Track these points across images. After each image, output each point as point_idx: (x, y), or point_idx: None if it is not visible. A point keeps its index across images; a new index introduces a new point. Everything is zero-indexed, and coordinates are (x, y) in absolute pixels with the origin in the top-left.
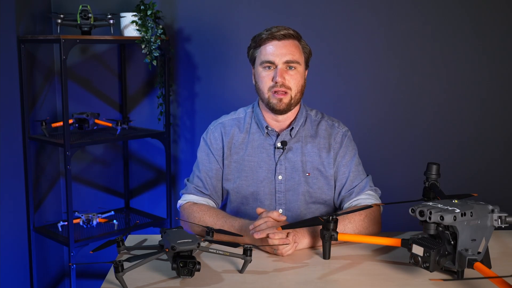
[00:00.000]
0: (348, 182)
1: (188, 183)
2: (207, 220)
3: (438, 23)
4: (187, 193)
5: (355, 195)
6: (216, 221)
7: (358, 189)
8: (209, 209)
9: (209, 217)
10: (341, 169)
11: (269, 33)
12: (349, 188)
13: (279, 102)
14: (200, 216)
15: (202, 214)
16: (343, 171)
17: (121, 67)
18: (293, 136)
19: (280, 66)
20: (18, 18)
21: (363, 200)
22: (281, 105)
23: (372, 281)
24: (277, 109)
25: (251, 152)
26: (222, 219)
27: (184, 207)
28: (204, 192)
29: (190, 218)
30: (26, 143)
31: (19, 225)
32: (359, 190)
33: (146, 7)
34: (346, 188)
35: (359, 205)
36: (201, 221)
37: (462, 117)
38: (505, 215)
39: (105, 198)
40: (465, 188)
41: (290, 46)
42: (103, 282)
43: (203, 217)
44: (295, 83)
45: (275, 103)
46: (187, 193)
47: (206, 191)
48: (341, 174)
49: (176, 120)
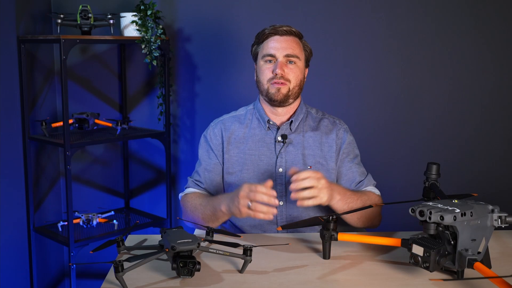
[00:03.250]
0: (357, 177)
1: (189, 178)
2: (196, 202)
3: (439, 22)
4: (187, 186)
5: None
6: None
7: (367, 181)
8: (200, 195)
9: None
10: (347, 165)
11: (272, 28)
12: (358, 181)
13: (277, 92)
14: (191, 201)
15: (194, 199)
16: (349, 166)
17: (121, 67)
18: (294, 130)
19: (281, 59)
20: (18, 18)
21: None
22: (279, 95)
23: (372, 281)
24: (274, 99)
25: (252, 146)
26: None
27: (182, 198)
28: (201, 186)
29: (187, 206)
30: (26, 143)
31: (19, 225)
32: (368, 182)
33: (146, 7)
34: (356, 182)
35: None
36: (193, 204)
37: (462, 117)
38: (505, 215)
39: (105, 198)
40: (465, 188)
41: (291, 42)
42: (103, 282)
43: (194, 201)
44: (294, 76)
45: (273, 92)
46: (187, 186)
47: (203, 184)
48: (348, 169)
49: (176, 120)
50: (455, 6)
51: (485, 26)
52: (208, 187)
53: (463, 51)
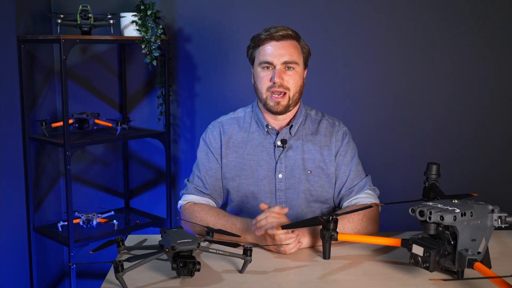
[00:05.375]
0: (348, 180)
1: (188, 183)
2: (208, 220)
3: (439, 22)
4: (187, 193)
5: (355, 194)
6: (217, 221)
7: (358, 188)
8: (210, 209)
9: (211, 217)
10: (342, 168)
11: (268, 33)
12: (349, 186)
13: (277, 105)
14: (201, 216)
15: (204, 214)
16: (344, 170)
17: (121, 67)
18: (293, 135)
19: (279, 66)
20: (18, 18)
21: (362, 199)
22: (279, 108)
23: (372, 281)
24: (274, 111)
25: (251, 151)
26: (223, 218)
27: (185, 207)
28: (204, 192)
29: (191, 218)
30: (26, 143)
31: (19, 225)
32: (358, 189)
33: (146, 7)
34: (347, 187)
35: (359, 204)
36: (203, 221)
37: (462, 117)
38: (505, 215)
39: (105, 198)
40: (465, 188)
41: (289, 47)
42: (103, 282)
43: (204, 217)
44: (293, 83)
45: (272, 105)
46: (188, 193)
47: (206, 190)
48: (342, 172)
49: (176, 120)
50: (455, 6)
51: (485, 26)
52: (212, 192)
53: (463, 51)
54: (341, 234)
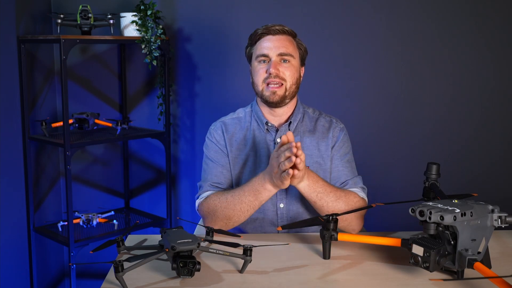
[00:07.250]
0: (342, 176)
1: (202, 183)
2: (228, 196)
3: (439, 22)
4: (203, 192)
5: (349, 187)
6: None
7: (353, 182)
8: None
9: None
10: (335, 162)
11: (264, 27)
12: (342, 181)
13: (273, 95)
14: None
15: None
16: (336, 164)
17: (121, 67)
18: (292, 131)
19: (274, 58)
20: (18, 18)
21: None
22: (275, 97)
23: (372, 281)
24: (270, 101)
25: (252, 148)
26: (239, 188)
27: (202, 204)
28: (221, 187)
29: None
30: (26, 143)
31: (19, 225)
32: (353, 183)
33: (146, 7)
34: (340, 181)
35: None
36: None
37: (462, 117)
38: (505, 215)
39: (105, 198)
40: (465, 188)
41: (284, 40)
42: (103, 282)
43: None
44: (290, 75)
45: (268, 95)
46: (204, 191)
47: (223, 185)
48: (335, 167)
49: (176, 120)
50: (455, 6)
51: (485, 26)
52: (228, 187)
53: (463, 51)
54: (341, 234)
